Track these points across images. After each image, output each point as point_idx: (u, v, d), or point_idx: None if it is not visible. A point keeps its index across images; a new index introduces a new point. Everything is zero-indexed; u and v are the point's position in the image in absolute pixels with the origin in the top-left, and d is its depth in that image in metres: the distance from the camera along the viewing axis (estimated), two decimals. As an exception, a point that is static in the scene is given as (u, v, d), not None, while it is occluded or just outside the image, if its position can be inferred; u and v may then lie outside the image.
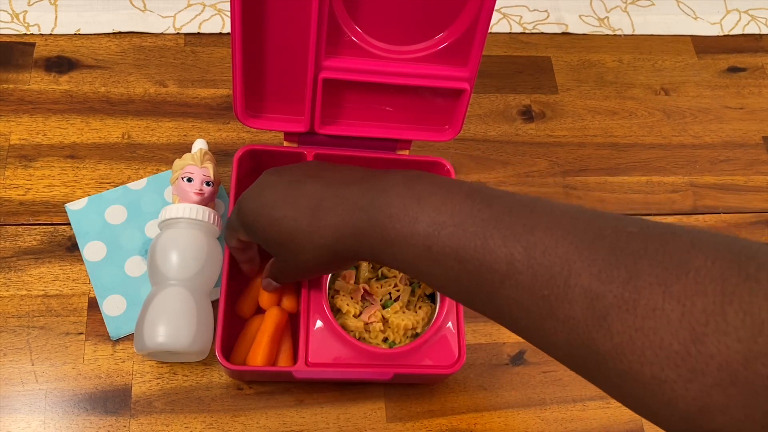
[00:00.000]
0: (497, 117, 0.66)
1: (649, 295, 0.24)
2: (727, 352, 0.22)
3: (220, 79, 0.63)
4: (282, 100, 0.47)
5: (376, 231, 0.34)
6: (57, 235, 0.54)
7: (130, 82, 0.62)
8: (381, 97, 0.47)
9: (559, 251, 0.27)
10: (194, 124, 0.61)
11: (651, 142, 0.68)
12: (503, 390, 0.54)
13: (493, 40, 0.71)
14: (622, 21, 0.75)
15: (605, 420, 0.54)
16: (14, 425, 0.48)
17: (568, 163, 0.65)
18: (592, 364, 0.26)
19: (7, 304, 0.51)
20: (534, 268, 0.28)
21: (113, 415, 0.49)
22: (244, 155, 0.51)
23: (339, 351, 0.47)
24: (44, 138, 0.58)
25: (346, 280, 0.50)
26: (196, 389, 0.50)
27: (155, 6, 0.66)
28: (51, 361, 0.50)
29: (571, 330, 0.26)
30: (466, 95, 0.46)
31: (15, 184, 0.56)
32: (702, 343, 0.22)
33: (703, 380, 0.23)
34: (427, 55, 0.44)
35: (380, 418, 0.51)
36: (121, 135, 0.59)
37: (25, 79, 0.61)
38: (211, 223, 0.50)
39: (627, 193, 0.64)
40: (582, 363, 0.27)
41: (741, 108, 0.71)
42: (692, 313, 0.23)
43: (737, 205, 0.66)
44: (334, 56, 0.44)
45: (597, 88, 0.70)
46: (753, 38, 0.76)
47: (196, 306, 0.47)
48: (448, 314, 0.48)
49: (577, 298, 0.26)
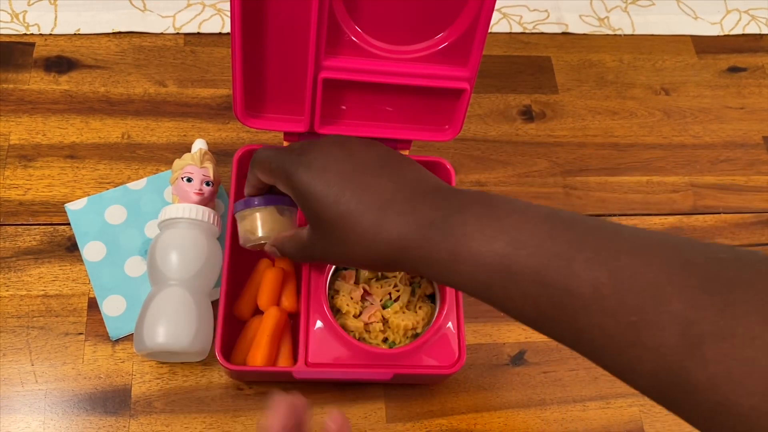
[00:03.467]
0: (497, 117, 0.66)
1: (747, 323, 0.23)
2: None
3: (220, 79, 0.63)
4: (282, 100, 0.47)
5: (447, 247, 0.32)
6: (57, 235, 0.54)
7: (129, 82, 0.62)
8: (381, 97, 0.47)
9: (648, 276, 0.26)
10: (194, 124, 0.61)
11: (651, 142, 0.68)
12: (503, 390, 0.54)
13: (493, 40, 0.71)
14: (623, 21, 0.74)
15: (605, 420, 0.53)
16: (14, 425, 0.48)
17: (568, 163, 0.65)
18: (682, 394, 0.25)
19: (6, 304, 0.51)
20: (621, 293, 0.26)
21: (113, 415, 0.49)
22: (244, 155, 0.51)
23: (339, 351, 0.47)
24: (44, 138, 0.58)
25: (346, 280, 0.50)
26: (196, 389, 0.50)
27: (155, 6, 0.66)
28: (51, 362, 0.50)
29: (660, 358, 0.25)
30: (466, 95, 0.46)
31: (15, 184, 0.56)
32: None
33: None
34: (427, 55, 0.44)
35: (380, 418, 0.51)
36: (120, 135, 0.59)
37: (24, 79, 0.61)
38: (211, 223, 0.50)
39: (627, 193, 0.64)
40: (670, 394, 0.26)
41: (741, 108, 0.71)
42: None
43: (737, 205, 0.65)
44: (334, 56, 0.44)
45: (597, 88, 0.70)
46: (753, 38, 0.76)
47: (196, 306, 0.47)
48: (448, 314, 0.48)
49: (668, 324, 0.25)
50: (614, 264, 0.27)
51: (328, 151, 0.38)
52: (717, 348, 0.24)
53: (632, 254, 0.27)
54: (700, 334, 0.24)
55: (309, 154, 0.38)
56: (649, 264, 0.27)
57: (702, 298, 0.25)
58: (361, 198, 0.35)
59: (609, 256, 0.28)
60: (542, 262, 0.29)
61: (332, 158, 0.37)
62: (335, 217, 0.36)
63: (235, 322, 0.50)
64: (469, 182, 0.62)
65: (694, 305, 0.25)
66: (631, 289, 0.26)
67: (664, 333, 0.25)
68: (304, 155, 0.38)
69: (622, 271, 0.27)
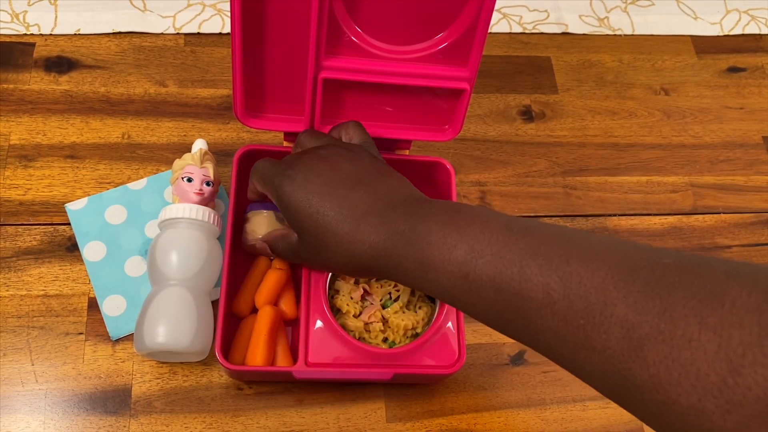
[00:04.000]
0: (497, 117, 0.66)
1: (685, 326, 0.24)
2: (765, 383, 0.22)
3: (220, 79, 0.63)
4: (282, 100, 0.47)
5: (414, 255, 0.35)
6: (57, 235, 0.54)
7: (129, 82, 0.62)
8: (381, 97, 0.47)
9: (594, 281, 0.27)
10: (194, 124, 0.61)
11: (651, 142, 0.68)
12: (503, 390, 0.54)
13: (493, 40, 0.71)
14: (622, 21, 0.75)
15: (605, 420, 0.54)
16: (14, 425, 0.48)
17: (568, 163, 0.65)
18: (629, 393, 0.26)
19: (7, 304, 0.51)
20: (570, 297, 0.28)
21: (113, 415, 0.49)
22: (244, 155, 0.51)
23: (339, 351, 0.47)
24: (44, 138, 0.58)
25: (346, 280, 0.50)
26: (196, 389, 0.50)
27: (155, 6, 0.66)
28: (51, 361, 0.50)
29: (608, 360, 0.27)
30: (466, 95, 0.46)
31: (15, 184, 0.56)
32: (739, 374, 0.22)
33: (742, 412, 0.22)
34: (427, 55, 0.44)
35: (380, 418, 0.51)
36: (120, 135, 0.59)
37: (24, 79, 0.61)
38: (211, 223, 0.50)
39: (627, 193, 0.64)
40: (619, 392, 0.27)
41: (741, 108, 0.71)
42: (729, 345, 0.23)
43: (737, 205, 0.66)
44: (334, 56, 0.44)
45: (597, 88, 0.70)
46: (753, 38, 0.76)
47: (196, 306, 0.47)
48: (448, 314, 0.48)
49: (612, 328, 0.26)
50: (564, 270, 0.29)
51: (312, 164, 0.40)
52: (657, 350, 0.25)
53: (582, 260, 0.29)
54: (642, 337, 0.25)
55: (294, 167, 0.41)
56: (597, 270, 0.28)
57: (644, 302, 0.26)
58: (339, 210, 0.38)
59: (560, 263, 0.29)
60: (498, 269, 0.31)
61: (314, 172, 0.40)
62: (315, 227, 0.39)
63: (235, 322, 0.50)
64: (469, 182, 0.62)
65: (636, 309, 0.26)
66: (579, 294, 0.28)
67: (609, 336, 0.26)
68: (289, 169, 0.41)
69: (571, 277, 0.28)
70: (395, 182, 0.41)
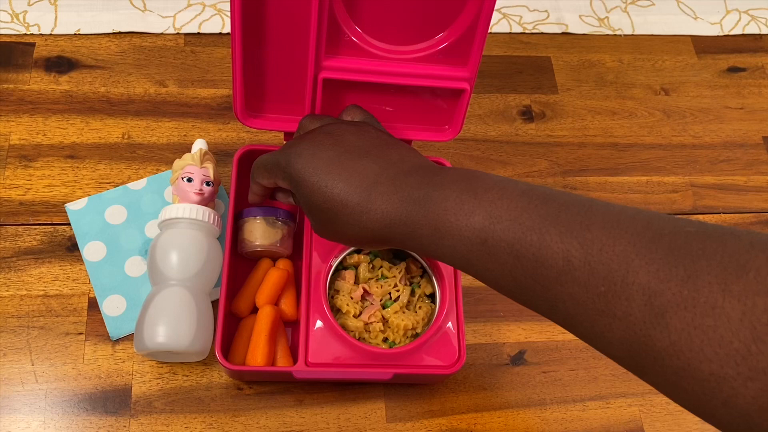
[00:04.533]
0: (497, 117, 0.66)
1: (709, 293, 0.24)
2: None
3: (220, 79, 0.63)
4: (282, 100, 0.47)
5: (430, 222, 0.34)
6: (57, 235, 0.54)
7: (130, 82, 0.62)
8: (381, 97, 0.47)
9: (616, 249, 0.27)
10: (194, 124, 0.61)
11: (651, 142, 0.68)
12: (503, 390, 0.54)
13: (493, 40, 0.71)
14: (622, 21, 0.75)
15: (605, 420, 0.54)
16: (14, 425, 0.48)
17: (568, 163, 0.65)
18: (648, 361, 0.26)
19: (7, 304, 0.51)
20: (591, 264, 0.28)
21: (113, 415, 0.49)
22: (244, 155, 0.51)
23: (339, 351, 0.47)
24: (44, 138, 0.58)
25: (346, 280, 0.50)
26: (196, 389, 0.50)
27: (155, 6, 0.66)
28: (51, 361, 0.50)
29: (628, 327, 0.27)
30: (466, 95, 0.46)
31: (15, 184, 0.56)
32: (763, 342, 0.22)
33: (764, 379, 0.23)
34: (427, 55, 0.44)
35: (380, 418, 0.51)
36: (121, 135, 0.59)
37: (25, 79, 0.61)
38: (211, 223, 0.50)
39: (627, 193, 0.64)
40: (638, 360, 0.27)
41: (741, 108, 0.71)
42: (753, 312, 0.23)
43: (737, 205, 0.65)
44: (334, 56, 0.44)
45: (597, 88, 0.70)
46: (753, 38, 0.76)
47: (196, 306, 0.47)
48: (448, 314, 0.48)
49: (634, 295, 0.26)
50: (585, 236, 0.28)
51: (318, 139, 0.40)
52: (679, 317, 0.25)
53: (603, 228, 0.28)
54: (664, 304, 0.25)
55: (300, 144, 0.40)
56: (618, 237, 0.28)
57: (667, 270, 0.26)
58: (349, 181, 0.37)
59: (581, 230, 0.29)
60: (517, 235, 0.31)
61: (321, 146, 0.39)
62: (325, 200, 0.38)
63: (235, 321, 0.50)
64: (469, 182, 0.62)
65: (659, 277, 0.26)
66: (600, 260, 0.28)
67: (630, 303, 0.26)
68: (295, 146, 0.40)
69: (592, 243, 0.28)
70: (404, 151, 0.40)
